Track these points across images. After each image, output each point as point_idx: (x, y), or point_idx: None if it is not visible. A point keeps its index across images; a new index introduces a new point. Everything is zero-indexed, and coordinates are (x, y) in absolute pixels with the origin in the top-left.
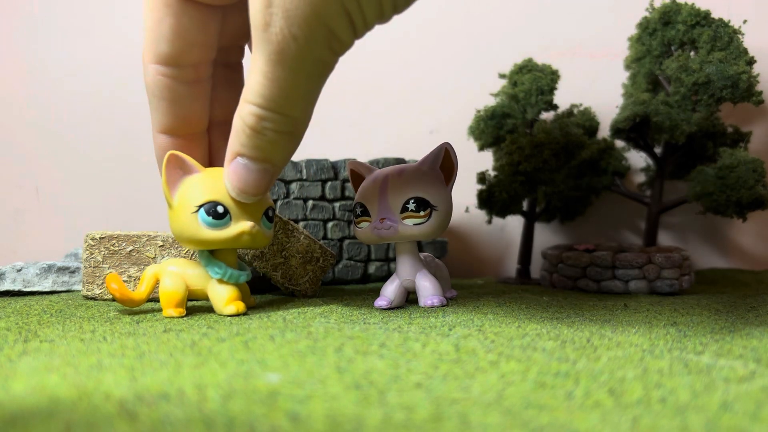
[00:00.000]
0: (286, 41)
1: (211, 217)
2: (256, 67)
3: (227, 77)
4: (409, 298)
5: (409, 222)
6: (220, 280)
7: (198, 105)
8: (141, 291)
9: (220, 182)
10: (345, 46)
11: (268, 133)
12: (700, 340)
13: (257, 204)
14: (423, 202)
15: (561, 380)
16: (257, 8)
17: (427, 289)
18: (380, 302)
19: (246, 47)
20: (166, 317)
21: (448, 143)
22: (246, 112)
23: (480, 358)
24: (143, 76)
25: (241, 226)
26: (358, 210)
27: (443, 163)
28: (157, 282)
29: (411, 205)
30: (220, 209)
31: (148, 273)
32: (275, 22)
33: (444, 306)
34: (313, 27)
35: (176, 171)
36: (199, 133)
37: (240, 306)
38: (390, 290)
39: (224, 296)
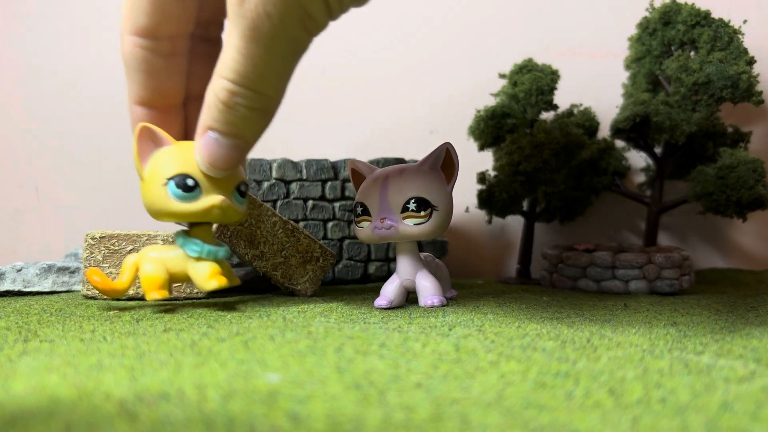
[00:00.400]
0: (260, 18)
1: (180, 190)
2: (230, 43)
3: (206, 51)
4: (409, 298)
5: (410, 222)
6: (199, 258)
7: (174, 78)
8: (123, 281)
9: (191, 155)
10: (319, 27)
11: (240, 109)
12: (700, 340)
13: (228, 178)
14: (423, 202)
15: (561, 380)
16: None
17: (427, 288)
18: (380, 302)
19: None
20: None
21: (449, 143)
22: (219, 86)
23: (480, 358)
24: (120, 47)
25: (211, 199)
26: (359, 209)
27: (444, 162)
28: (138, 270)
29: (411, 205)
30: (190, 182)
31: (128, 262)
32: None
33: (444, 306)
34: (287, 5)
35: (148, 143)
36: (175, 106)
37: (222, 280)
38: (390, 290)
39: (205, 272)
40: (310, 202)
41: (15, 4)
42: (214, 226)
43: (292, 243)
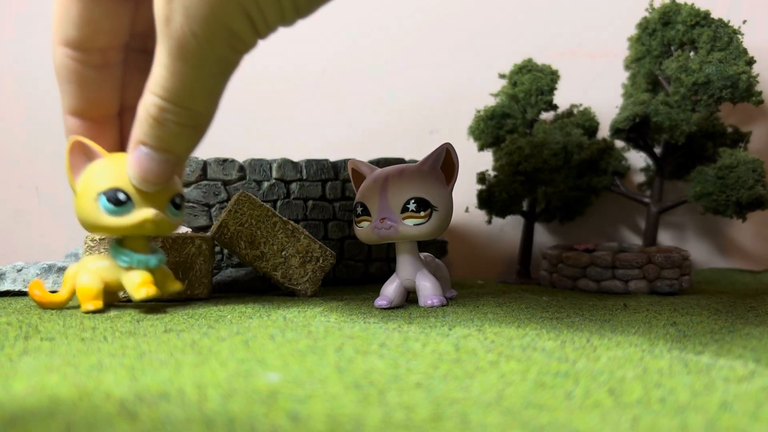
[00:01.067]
0: (186, 38)
1: (112, 204)
2: (159, 60)
3: (143, 63)
4: (409, 298)
5: (410, 222)
6: (130, 267)
7: (106, 89)
8: (62, 294)
9: (123, 168)
10: (247, 46)
11: (170, 125)
12: (699, 340)
13: (162, 191)
14: (423, 203)
15: (561, 380)
16: (159, 2)
17: (427, 288)
18: (380, 302)
19: None
20: (85, 312)
21: (449, 143)
22: (149, 102)
23: (480, 358)
24: (51, 57)
25: (143, 213)
26: (359, 209)
27: (444, 163)
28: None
29: (411, 205)
30: (121, 196)
31: (69, 273)
32: (176, 17)
33: (444, 306)
34: (212, 26)
35: (80, 157)
36: (109, 117)
37: (152, 289)
38: (390, 290)
39: (136, 281)
40: (310, 202)
41: (15, 4)
42: (214, 227)
43: (292, 243)
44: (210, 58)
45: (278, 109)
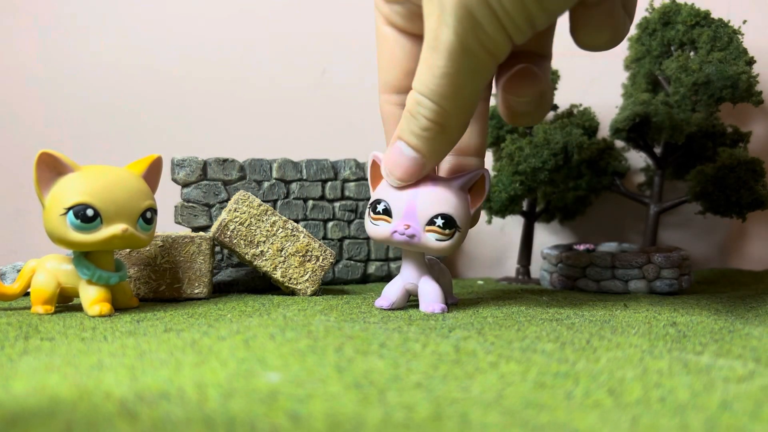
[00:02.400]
0: (440, 28)
1: (79, 221)
2: (421, 56)
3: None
4: (410, 301)
5: (432, 236)
6: (89, 281)
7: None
8: (15, 287)
9: (93, 183)
10: (497, 45)
11: (421, 120)
12: (699, 340)
13: (132, 205)
14: (451, 221)
15: (560, 380)
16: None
17: (430, 294)
18: (381, 302)
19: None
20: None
21: (486, 170)
22: (409, 97)
23: (480, 359)
24: (380, 107)
25: (112, 229)
26: (380, 207)
27: (475, 186)
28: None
29: (439, 221)
30: (89, 212)
31: (26, 267)
32: (434, 11)
33: (445, 313)
34: (460, 15)
35: (48, 170)
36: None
37: (105, 308)
38: (392, 291)
39: (91, 297)
40: (310, 202)
41: (16, 4)
42: (214, 227)
43: (292, 242)
44: (459, 51)
45: (278, 109)
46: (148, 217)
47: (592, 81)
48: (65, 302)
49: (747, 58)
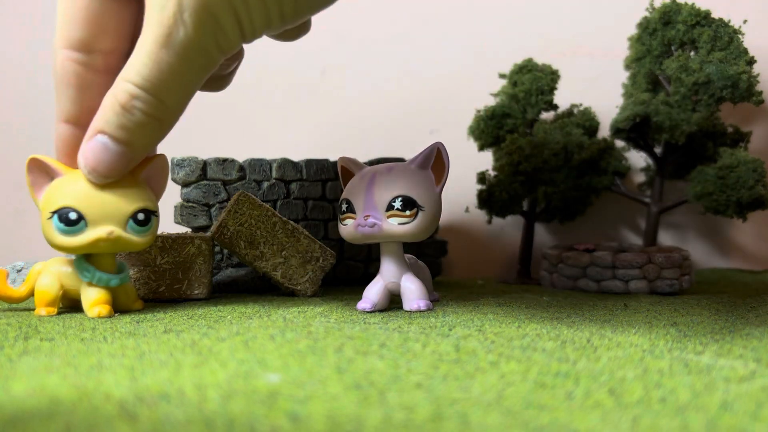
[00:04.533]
0: (176, 25)
1: (63, 224)
2: (142, 47)
3: None
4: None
5: (394, 221)
6: (90, 283)
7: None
8: (21, 290)
9: (77, 186)
10: (231, 45)
11: (137, 115)
12: (700, 340)
13: (119, 207)
14: (410, 201)
15: (561, 380)
16: None
17: (413, 292)
18: (363, 305)
19: None
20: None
21: (440, 142)
22: (120, 89)
23: (480, 359)
24: (52, 62)
25: (97, 232)
26: (344, 206)
27: (435, 163)
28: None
29: (397, 203)
30: (72, 215)
31: (33, 270)
32: (169, 4)
33: (430, 310)
34: (202, 16)
35: (40, 174)
36: None
37: (104, 310)
38: (373, 292)
39: (91, 299)
40: (310, 202)
41: (16, 3)
42: (213, 227)
43: (292, 243)
44: (194, 51)
45: (278, 109)
46: (140, 219)
47: (592, 81)
48: (73, 305)
49: (747, 57)
